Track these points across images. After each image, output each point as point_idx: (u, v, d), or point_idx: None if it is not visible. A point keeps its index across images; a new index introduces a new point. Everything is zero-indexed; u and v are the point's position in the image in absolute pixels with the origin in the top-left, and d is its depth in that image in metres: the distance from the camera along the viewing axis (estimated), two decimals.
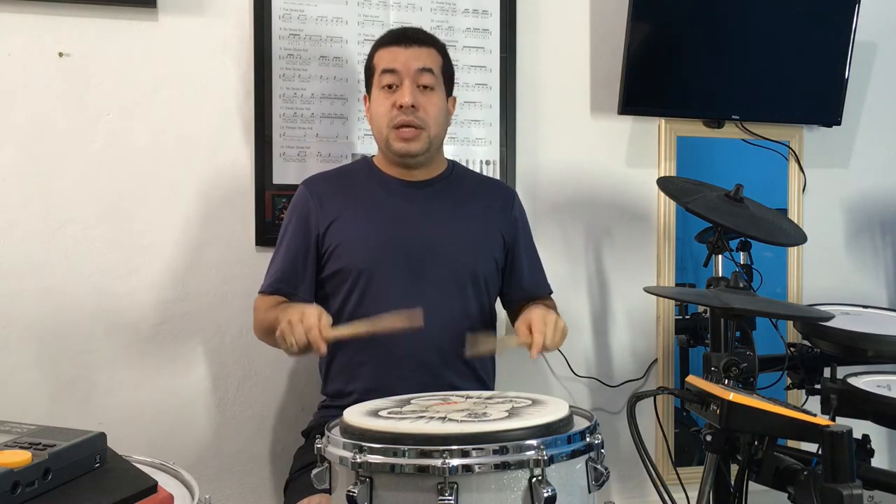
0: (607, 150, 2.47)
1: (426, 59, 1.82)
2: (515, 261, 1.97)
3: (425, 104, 1.81)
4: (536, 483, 1.16)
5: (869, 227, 2.73)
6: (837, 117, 2.57)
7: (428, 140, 1.83)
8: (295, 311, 1.60)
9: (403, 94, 1.79)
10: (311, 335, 1.56)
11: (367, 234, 1.84)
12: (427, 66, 1.82)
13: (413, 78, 1.80)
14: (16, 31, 2.00)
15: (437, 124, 1.84)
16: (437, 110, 1.83)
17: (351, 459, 1.18)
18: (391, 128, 1.81)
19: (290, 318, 1.59)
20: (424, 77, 1.81)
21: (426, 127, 1.81)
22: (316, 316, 1.58)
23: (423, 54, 1.82)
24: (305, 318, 1.57)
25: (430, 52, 1.84)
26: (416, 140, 1.81)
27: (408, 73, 1.80)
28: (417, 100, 1.79)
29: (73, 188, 2.05)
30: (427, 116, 1.81)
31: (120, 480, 1.06)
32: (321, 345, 1.57)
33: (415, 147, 1.82)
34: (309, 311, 1.59)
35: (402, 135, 1.80)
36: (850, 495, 1.23)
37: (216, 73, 2.14)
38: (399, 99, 1.79)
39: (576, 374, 2.42)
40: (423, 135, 1.81)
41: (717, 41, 2.45)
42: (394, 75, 1.80)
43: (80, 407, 2.05)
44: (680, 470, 1.86)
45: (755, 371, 1.78)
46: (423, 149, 1.83)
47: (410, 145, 1.81)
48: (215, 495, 1.51)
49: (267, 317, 1.79)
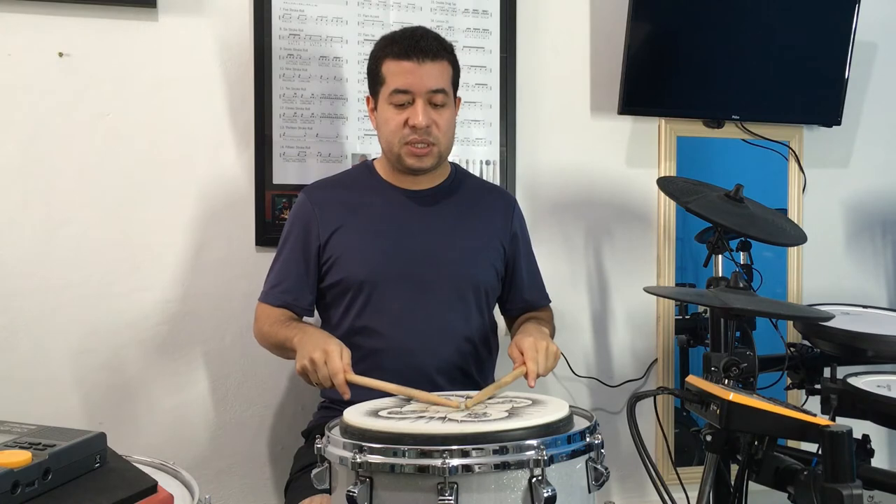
0: (607, 150, 2.47)
1: (439, 78, 1.79)
2: (515, 270, 1.97)
3: (437, 120, 1.79)
4: (536, 483, 1.16)
5: (869, 227, 2.73)
6: (837, 117, 2.57)
7: (438, 155, 1.83)
8: (315, 348, 1.58)
9: (417, 115, 1.76)
10: (336, 380, 1.55)
11: (369, 245, 1.84)
12: (440, 86, 1.79)
13: (426, 98, 1.78)
14: (16, 31, 2.00)
15: (448, 138, 1.85)
16: (448, 125, 1.83)
17: (351, 459, 1.19)
18: (403, 144, 1.80)
19: (312, 355, 1.56)
20: (437, 97, 1.79)
21: (437, 143, 1.81)
22: (338, 355, 1.56)
23: (435, 71, 1.78)
24: (330, 360, 1.55)
25: (443, 68, 1.80)
26: (428, 156, 1.81)
27: (420, 94, 1.77)
28: (430, 118, 1.78)
29: (73, 188, 2.05)
30: (439, 133, 1.80)
31: (120, 480, 1.06)
32: (346, 391, 1.55)
33: (427, 163, 1.82)
34: (332, 351, 1.56)
35: (415, 152, 1.80)
36: (850, 495, 1.22)
37: (216, 73, 2.14)
38: (412, 119, 1.77)
39: (576, 374, 2.42)
40: (434, 150, 1.81)
41: (717, 41, 2.45)
42: (406, 95, 1.78)
43: (80, 407, 2.05)
44: (680, 470, 1.86)
45: (755, 371, 1.77)
46: (433, 164, 1.84)
47: (423, 161, 1.81)
48: (215, 495, 1.51)
49: (276, 334, 1.79)
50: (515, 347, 1.67)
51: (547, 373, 1.66)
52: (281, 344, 1.78)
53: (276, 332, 1.79)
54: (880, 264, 2.74)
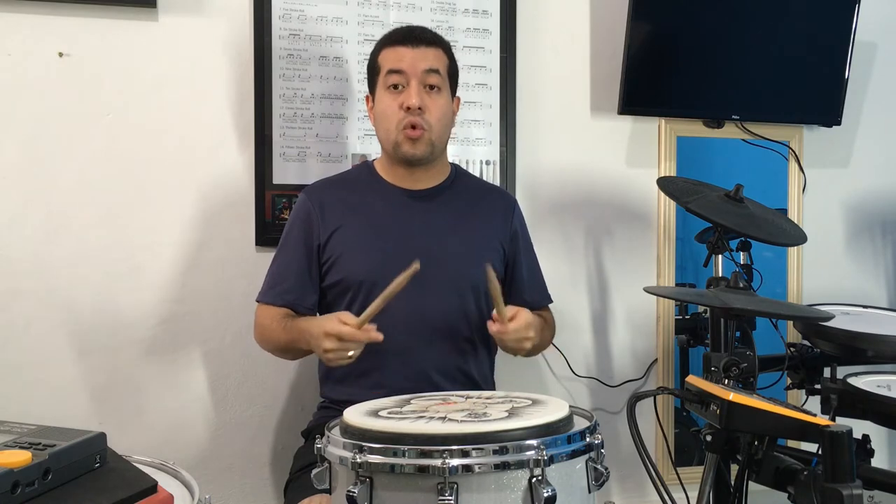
0: (607, 150, 2.47)
1: (433, 60, 1.82)
2: (515, 270, 1.97)
3: (431, 106, 1.80)
4: (536, 483, 1.16)
5: (869, 227, 2.73)
6: (837, 117, 2.57)
7: (431, 143, 1.83)
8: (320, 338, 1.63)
9: (410, 95, 1.78)
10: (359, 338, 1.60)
11: (369, 245, 1.84)
12: (434, 66, 1.81)
13: (420, 78, 1.79)
14: (16, 31, 2.00)
15: (441, 126, 1.84)
16: (442, 112, 1.83)
17: (351, 459, 1.18)
18: (399, 129, 1.80)
19: (325, 346, 1.62)
20: (431, 77, 1.81)
21: (429, 129, 1.81)
22: (339, 326, 1.60)
23: (429, 54, 1.82)
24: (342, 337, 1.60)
25: (437, 53, 1.84)
26: (420, 141, 1.81)
27: (415, 74, 1.79)
28: (424, 101, 1.79)
29: (74, 188, 2.05)
30: (431, 118, 1.81)
31: (120, 480, 1.07)
32: (374, 335, 1.61)
33: (419, 149, 1.82)
34: (332, 330, 1.61)
35: (409, 135, 1.80)
36: (850, 495, 1.22)
37: (216, 73, 2.14)
38: (406, 100, 1.78)
39: (576, 374, 2.42)
40: (425, 135, 1.81)
41: (717, 41, 2.45)
42: (400, 75, 1.80)
43: (81, 407, 2.05)
44: (680, 470, 1.86)
45: (755, 371, 1.78)
46: (426, 151, 1.83)
47: (416, 147, 1.81)
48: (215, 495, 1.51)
49: (279, 336, 1.80)
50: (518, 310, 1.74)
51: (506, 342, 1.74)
52: (287, 345, 1.79)
53: (279, 336, 1.79)
54: (880, 264, 2.74)
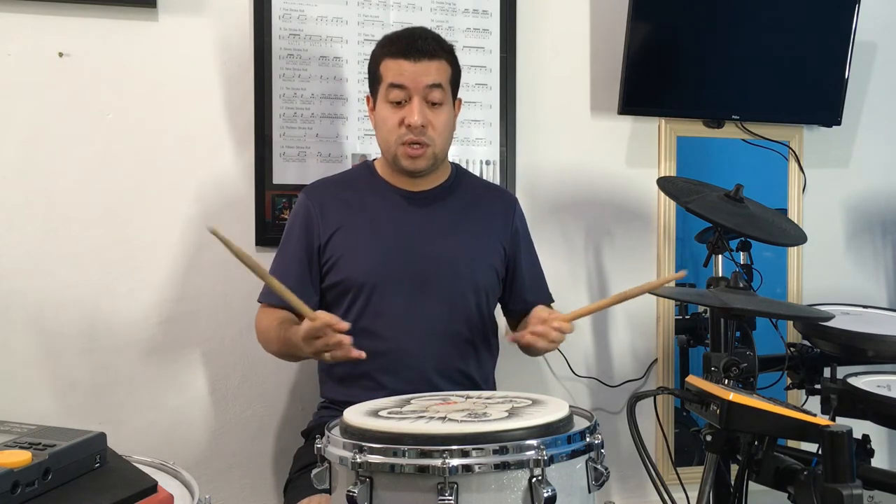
0: (607, 150, 2.47)
1: (436, 75, 1.79)
2: (516, 271, 1.97)
3: (433, 121, 1.79)
4: (536, 483, 1.16)
5: (869, 227, 2.73)
6: (837, 117, 2.57)
7: (434, 157, 1.83)
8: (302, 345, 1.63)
9: (412, 113, 1.77)
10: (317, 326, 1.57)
11: (369, 246, 1.84)
12: (436, 81, 1.79)
13: (422, 94, 1.77)
14: (16, 31, 2.00)
15: (444, 139, 1.84)
16: (445, 126, 1.83)
17: (351, 459, 1.18)
18: (399, 144, 1.80)
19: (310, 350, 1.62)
20: (434, 93, 1.79)
21: (432, 144, 1.81)
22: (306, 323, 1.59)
23: (432, 69, 1.78)
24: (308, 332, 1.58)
25: (440, 65, 1.80)
26: (422, 158, 1.81)
27: (417, 90, 1.77)
28: (426, 117, 1.78)
29: (73, 188, 2.05)
30: (434, 133, 1.80)
31: (120, 480, 1.07)
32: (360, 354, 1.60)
33: (420, 165, 1.82)
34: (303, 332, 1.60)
35: (409, 152, 1.80)
36: (850, 495, 1.23)
37: (216, 72, 2.14)
38: (408, 118, 1.77)
39: (576, 374, 2.42)
40: (428, 151, 1.81)
41: (717, 41, 2.45)
42: (402, 91, 1.77)
43: (81, 407, 2.05)
44: (680, 470, 1.86)
45: (755, 371, 1.78)
46: (427, 166, 1.83)
47: (417, 163, 1.81)
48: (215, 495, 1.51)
49: (277, 347, 1.81)
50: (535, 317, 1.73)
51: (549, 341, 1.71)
52: (288, 354, 1.81)
53: (279, 336, 1.78)
54: (880, 264, 2.74)
